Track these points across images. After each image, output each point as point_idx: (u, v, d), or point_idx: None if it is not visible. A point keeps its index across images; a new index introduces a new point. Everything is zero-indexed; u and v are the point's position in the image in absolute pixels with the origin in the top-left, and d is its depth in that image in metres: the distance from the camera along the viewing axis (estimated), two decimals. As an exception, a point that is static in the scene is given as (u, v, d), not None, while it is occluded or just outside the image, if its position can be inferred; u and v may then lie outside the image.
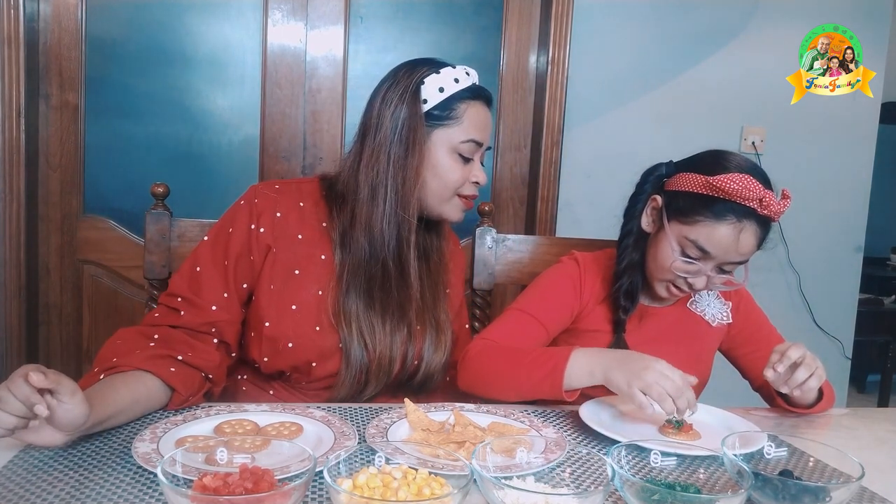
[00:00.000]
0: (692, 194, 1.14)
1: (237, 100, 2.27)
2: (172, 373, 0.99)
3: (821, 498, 0.74)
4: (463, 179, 1.18)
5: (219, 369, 1.08)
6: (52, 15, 2.13)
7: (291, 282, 1.14)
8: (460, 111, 1.15)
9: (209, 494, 0.63)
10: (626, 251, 1.24)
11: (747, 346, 1.31)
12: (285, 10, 2.25)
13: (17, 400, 0.75)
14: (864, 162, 2.66)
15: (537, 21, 2.42)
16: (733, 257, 1.13)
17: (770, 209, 1.10)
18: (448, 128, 1.15)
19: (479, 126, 1.17)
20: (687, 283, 1.17)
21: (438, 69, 1.16)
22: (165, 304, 1.11)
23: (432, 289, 1.24)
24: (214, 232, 1.15)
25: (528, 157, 2.48)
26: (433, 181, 1.16)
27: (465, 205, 1.21)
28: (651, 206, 1.22)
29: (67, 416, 0.79)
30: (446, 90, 1.15)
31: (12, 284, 2.12)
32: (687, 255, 1.15)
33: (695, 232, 1.13)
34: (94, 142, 2.20)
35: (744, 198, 1.09)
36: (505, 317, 1.24)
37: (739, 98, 2.51)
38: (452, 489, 0.69)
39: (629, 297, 1.23)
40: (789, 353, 1.04)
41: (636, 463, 0.86)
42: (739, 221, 1.10)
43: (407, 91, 1.14)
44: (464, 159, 1.17)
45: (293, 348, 1.12)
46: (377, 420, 0.98)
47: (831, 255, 2.67)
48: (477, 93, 1.18)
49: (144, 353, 0.99)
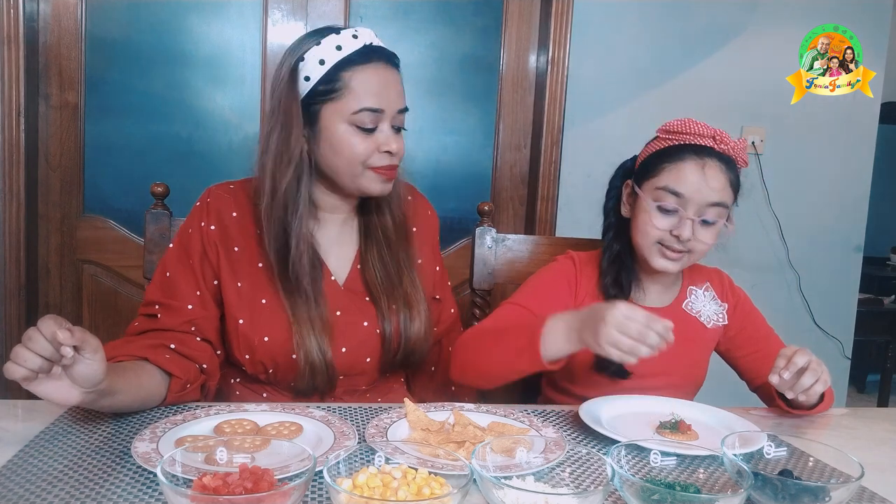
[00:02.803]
0: (653, 153, 1.22)
1: (237, 99, 2.26)
2: (168, 359, 1.01)
3: (820, 498, 0.74)
4: (369, 151, 1.09)
5: (211, 361, 1.10)
6: (52, 15, 2.13)
7: (257, 276, 1.14)
8: (345, 80, 1.07)
9: (209, 494, 0.63)
10: (609, 246, 1.28)
11: (746, 347, 1.31)
12: (285, 9, 2.25)
13: (45, 340, 0.76)
14: (864, 162, 2.66)
15: (537, 21, 2.41)
16: (708, 195, 1.16)
17: (727, 144, 1.18)
18: (336, 101, 1.07)
19: (372, 91, 1.08)
20: (674, 236, 1.17)
21: (321, 39, 1.08)
22: (143, 314, 1.12)
23: (395, 264, 1.20)
24: (177, 237, 1.17)
25: (528, 157, 2.48)
26: (336, 160, 1.10)
27: (384, 175, 1.12)
28: (626, 193, 1.27)
29: (87, 370, 0.81)
30: (327, 61, 1.07)
31: (12, 284, 2.12)
32: (664, 207, 1.17)
33: (663, 179, 1.18)
34: (94, 142, 2.20)
35: (697, 134, 1.17)
36: (501, 310, 1.24)
37: (739, 98, 2.51)
38: (452, 489, 0.69)
39: (617, 286, 1.24)
40: (795, 358, 1.04)
41: (636, 463, 0.86)
42: (700, 158, 1.17)
43: (285, 74, 1.09)
44: (365, 130, 1.09)
45: (269, 342, 1.12)
46: (377, 420, 0.98)
47: (831, 255, 2.67)
48: (368, 55, 1.09)
49: (139, 345, 1.01)
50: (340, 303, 1.17)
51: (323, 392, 1.16)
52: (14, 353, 0.77)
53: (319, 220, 1.20)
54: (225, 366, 1.18)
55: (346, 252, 1.22)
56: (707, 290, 1.32)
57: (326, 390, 1.16)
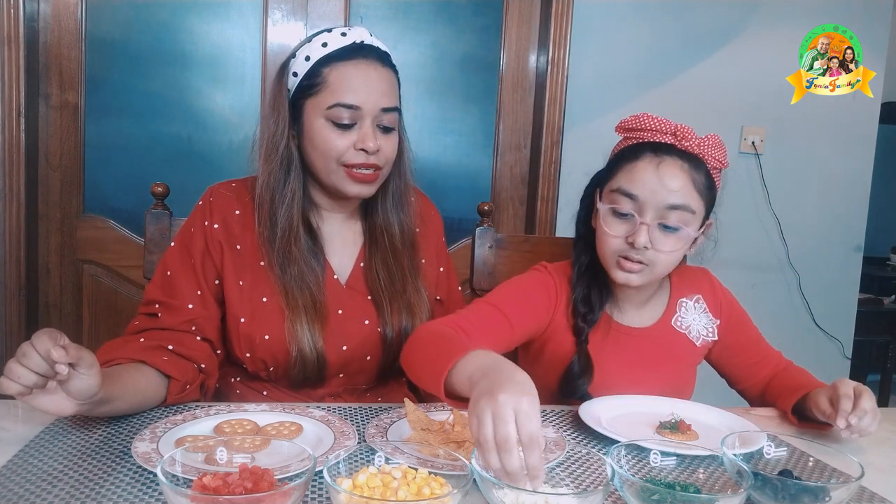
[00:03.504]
0: (613, 155, 1.14)
1: (237, 99, 2.26)
2: (166, 361, 1.00)
3: (820, 498, 0.74)
4: (343, 148, 1.09)
5: (209, 360, 1.10)
6: (52, 15, 2.13)
7: (259, 274, 1.14)
8: (324, 75, 1.09)
9: (209, 494, 0.63)
10: (578, 258, 1.20)
11: (737, 357, 1.26)
12: (285, 9, 2.25)
13: (40, 356, 0.76)
14: (864, 162, 2.66)
15: (537, 21, 2.42)
16: (665, 197, 1.06)
17: (690, 141, 1.07)
18: (315, 96, 1.09)
19: (350, 87, 1.08)
20: (628, 243, 1.08)
21: (313, 38, 1.11)
22: (143, 313, 1.12)
23: (399, 270, 1.20)
24: (179, 236, 1.17)
25: (528, 157, 2.48)
26: (313, 154, 1.12)
27: (356, 177, 1.10)
28: (595, 204, 1.17)
29: (82, 385, 0.81)
30: (312, 57, 1.09)
31: (12, 284, 2.12)
32: (617, 210, 1.09)
33: (618, 180, 1.10)
34: (94, 142, 2.20)
35: (654, 130, 1.08)
36: (476, 307, 1.13)
37: (739, 98, 2.51)
38: (452, 489, 0.69)
39: (587, 303, 1.17)
40: (863, 405, 0.97)
41: (636, 463, 0.86)
42: (657, 156, 1.07)
43: (281, 68, 1.13)
44: (341, 126, 1.08)
45: (270, 340, 1.12)
46: (377, 420, 0.98)
47: (831, 254, 2.67)
48: (352, 52, 1.09)
49: (136, 346, 1.01)
50: (342, 301, 1.17)
51: (315, 383, 1.17)
52: (8, 369, 0.78)
53: (323, 218, 1.21)
54: (225, 365, 1.18)
55: (348, 251, 1.22)
56: (698, 301, 1.24)
57: (318, 382, 1.16)
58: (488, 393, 0.71)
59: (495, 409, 0.69)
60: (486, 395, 0.71)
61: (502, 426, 0.69)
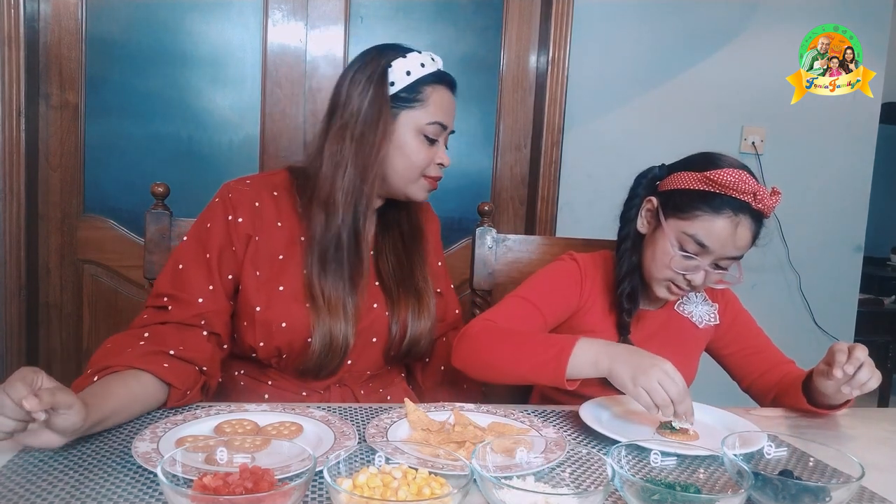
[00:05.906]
0: (688, 191, 1.16)
1: (237, 99, 2.26)
2: (166, 368, 1.00)
3: (821, 498, 0.74)
4: (428, 161, 1.21)
5: (212, 361, 1.09)
6: (52, 15, 2.13)
7: (276, 266, 1.17)
8: (426, 94, 1.18)
9: (209, 494, 0.63)
10: (625, 255, 1.25)
11: (735, 344, 1.32)
12: (285, 9, 2.25)
13: (14, 404, 0.74)
14: (864, 162, 2.66)
15: (537, 21, 2.42)
16: (730, 251, 1.15)
17: (763, 203, 1.13)
18: (414, 110, 1.18)
19: (444, 109, 1.20)
20: (686, 280, 1.18)
21: (405, 54, 1.19)
22: (152, 306, 1.12)
23: (409, 258, 1.28)
24: (193, 231, 1.17)
25: (528, 157, 2.48)
26: (400, 161, 1.19)
27: (431, 185, 1.24)
28: (646, 209, 1.24)
29: (65, 423, 0.79)
30: (413, 73, 1.17)
31: (12, 284, 2.12)
32: (685, 250, 1.16)
33: (693, 227, 1.15)
34: (94, 142, 2.20)
35: (739, 191, 1.11)
36: (506, 302, 1.24)
37: (739, 98, 2.51)
38: (452, 489, 0.69)
39: (632, 299, 1.24)
40: (857, 354, 1.05)
41: (636, 463, 0.86)
42: (736, 215, 1.13)
43: (375, 73, 1.17)
44: (429, 141, 1.20)
45: (286, 328, 1.14)
46: (377, 420, 0.98)
47: (831, 254, 2.67)
48: (442, 77, 1.21)
49: (136, 352, 1.00)
50: None
51: (329, 373, 1.19)
52: None
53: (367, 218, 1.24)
54: (228, 360, 1.18)
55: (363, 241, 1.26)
56: None
57: (333, 371, 1.19)
58: (641, 371, 0.96)
59: (660, 377, 0.95)
60: (642, 373, 0.96)
61: (672, 386, 0.95)
